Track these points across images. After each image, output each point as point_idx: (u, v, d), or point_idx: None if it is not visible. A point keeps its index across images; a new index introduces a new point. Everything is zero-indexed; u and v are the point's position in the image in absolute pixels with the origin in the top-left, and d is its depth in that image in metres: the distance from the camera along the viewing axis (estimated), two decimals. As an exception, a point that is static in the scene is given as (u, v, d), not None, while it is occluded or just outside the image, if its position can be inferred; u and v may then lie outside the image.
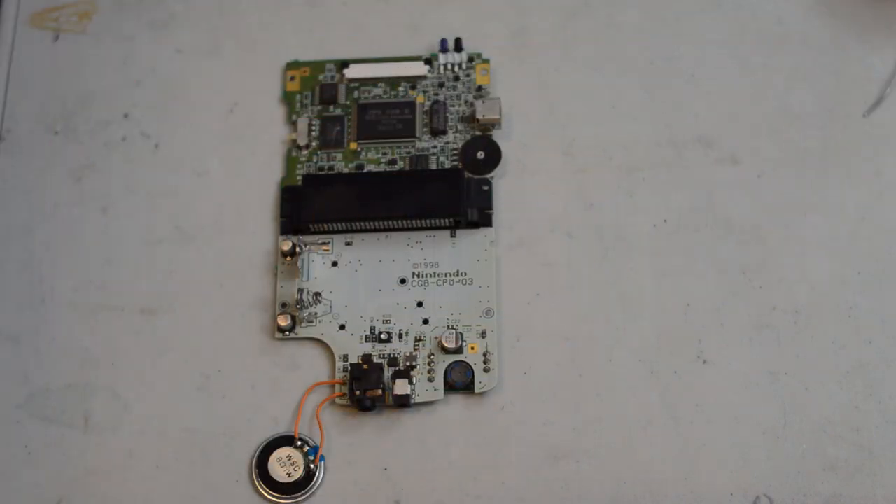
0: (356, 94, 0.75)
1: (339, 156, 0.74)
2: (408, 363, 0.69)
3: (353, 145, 0.74)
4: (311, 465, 0.68)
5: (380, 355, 0.70)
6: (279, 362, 0.70)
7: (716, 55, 0.75)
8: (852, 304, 0.70)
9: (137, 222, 0.74)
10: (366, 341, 0.70)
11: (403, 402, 0.69)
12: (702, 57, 0.75)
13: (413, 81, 0.75)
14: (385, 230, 0.72)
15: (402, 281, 0.71)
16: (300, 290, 0.71)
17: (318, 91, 0.75)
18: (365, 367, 0.69)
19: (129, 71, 0.77)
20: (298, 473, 0.68)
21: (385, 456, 0.68)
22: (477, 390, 0.69)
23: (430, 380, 0.69)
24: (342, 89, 0.75)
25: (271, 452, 0.68)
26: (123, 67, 0.77)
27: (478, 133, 0.74)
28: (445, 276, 0.71)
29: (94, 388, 0.70)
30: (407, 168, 0.73)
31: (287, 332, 0.71)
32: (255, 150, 0.75)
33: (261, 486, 0.68)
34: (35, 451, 0.70)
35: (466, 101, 0.75)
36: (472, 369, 0.69)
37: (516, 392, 0.69)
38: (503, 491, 0.67)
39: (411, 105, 0.74)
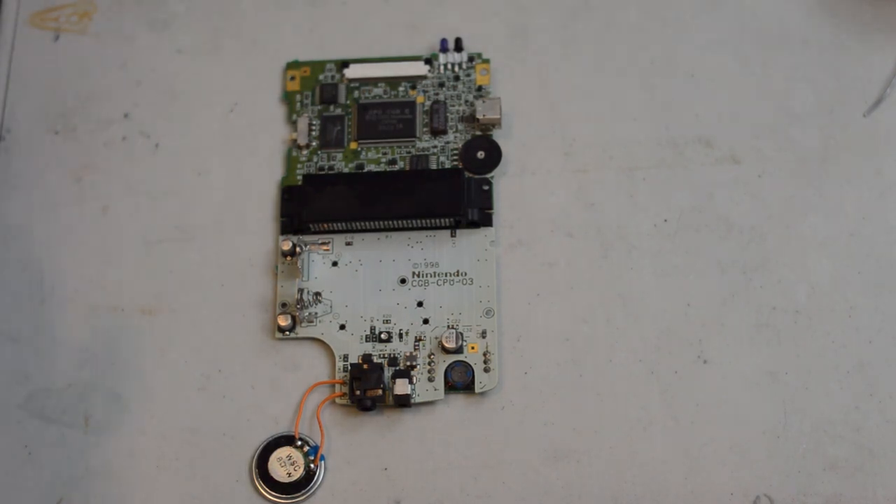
0: (356, 94, 0.75)
1: (340, 156, 0.74)
2: (408, 363, 0.69)
3: (354, 145, 0.74)
4: (312, 465, 0.68)
5: (380, 355, 0.70)
6: (279, 362, 0.70)
7: (716, 55, 0.75)
8: (852, 304, 0.70)
9: (137, 222, 0.74)
10: (366, 341, 0.70)
11: (403, 402, 0.69)
12: (702, 57, 0.75)
13: (413, 81, 0.75)
14: (385, 230, 0.72)
15: (403, 281, 0.71)
16: (300, 290, 0.71)
17: (318, 91, 0.75)
18: (365, 366, 0.69)
19: (129, 71, 0.77)
20: (299, 473, 0.68)
21: (385, 456, 0.68)
22: (477, 390, 0.69)
23: (431, 380, 0.69)
24: (342, 89, 0.75)
25: (271, 452, 0.68)
26: (123, 67, 0.77)
27: (478, 133, 0.74)
28: (445, 276, 0.71)
29: (94, 388, 0.70)
30: (407, 168, 0.73)
31: (287, 332, 0.71)
32: (255, 150, 0.75)
33: (261, 485, 0.68)
34: (35, 451, 0.70)
35: (466, 101, 0.75)
36: (473, 369, 0.69)
37: (516, 392, 0.69)
38: (503, 491, 0.68)
39: (411, 105, 0.74)
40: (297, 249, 0.71)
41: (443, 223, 0.72)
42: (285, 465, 0.68)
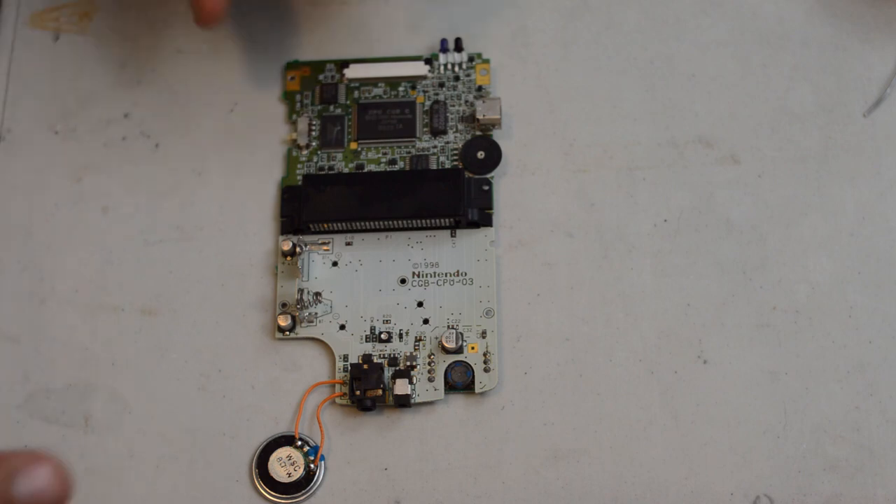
0: (356, 94, 0.75)
1: (340, 156, 0.74)
2: (408, 363, 0.69)
3: (354, 145, 0.74)
4: (312, 465, 0.68)
5: (380, 355, 0.70)
6: (279, 362, 0.70)
7: (716, 55, 0.75)
8: (852, 304, 0.70)
9: (137, 222, 0.74)
10: (366, 341, 0.70)
11: (403, 402, 0.69)
12: (702, 57, 0.75)
13: (413, 81, 0.75)
14: (385, 230, 0.72)
15: (403, 281, 0.71)
16: (300, 290, 0.71)
17: (318, 91, 0.75)
18: (365, 367, 0.69)
19: (129, 71, 0.77)
20: (298, 473, 0.68)
21: (385, 456, 0.68)
22: (477, 390, 0.69)
23: (431, 380, 0.69)
24: (342, 89, 0.75)
25: (271, 452, 0.68)
26: (123, 67, 0.77)
27: (478, 133, 0.74)
28: (445, 276, 0.71)
29: (94, 388, 0.70)
30: (407, 168, 0.73)
31: (287, 332, 0.71)
32: (255, 150, 0.75)
33: (261, 486, 0.68)
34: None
35: (466, 101, 0.75)
36: (473, 369, 0.69)
37: (516, 392, 0.69)
38: (503, 491, 0.67)
39: (411, 105, 0.74)
40: (297, 249, 0.71)
41: (443, 223, 0.72)
42: (285, 465, 0.68)
